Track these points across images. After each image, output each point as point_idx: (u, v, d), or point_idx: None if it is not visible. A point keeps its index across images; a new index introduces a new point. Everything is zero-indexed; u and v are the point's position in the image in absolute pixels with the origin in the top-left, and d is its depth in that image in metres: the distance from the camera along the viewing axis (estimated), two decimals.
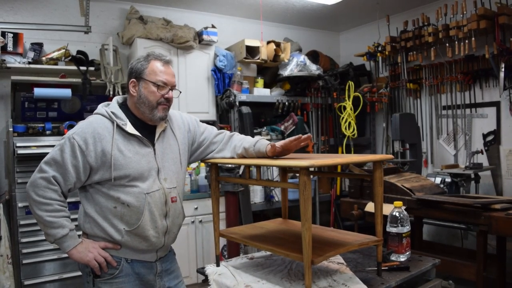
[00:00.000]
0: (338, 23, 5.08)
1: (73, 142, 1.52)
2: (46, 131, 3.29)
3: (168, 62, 1.67)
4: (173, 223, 1.70)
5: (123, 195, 1.57)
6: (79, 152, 1.52)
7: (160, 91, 1.61)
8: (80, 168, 1.53)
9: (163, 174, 1.65)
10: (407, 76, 4.37)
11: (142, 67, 1.62)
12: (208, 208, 3.71)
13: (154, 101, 1.61)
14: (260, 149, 1.69)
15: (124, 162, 1.56)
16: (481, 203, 2.42)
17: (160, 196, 1.63)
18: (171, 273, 1.77)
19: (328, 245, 1.57)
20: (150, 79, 1.61)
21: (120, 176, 1.55)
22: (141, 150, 1.61)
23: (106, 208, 1.58)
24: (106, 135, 1.56)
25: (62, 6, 3.76)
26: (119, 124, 1.58)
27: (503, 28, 3.43)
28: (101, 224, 1.59)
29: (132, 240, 1.60)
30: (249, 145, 1.72)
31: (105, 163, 1.54)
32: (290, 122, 4.17)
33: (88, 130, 1.55)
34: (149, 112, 1.62)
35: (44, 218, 1.53)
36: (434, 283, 1.79)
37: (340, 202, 3.14)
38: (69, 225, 1.57)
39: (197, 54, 3.97)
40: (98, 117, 1.61)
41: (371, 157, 1.77)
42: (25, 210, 3.10)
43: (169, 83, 1.64)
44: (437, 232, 4.06)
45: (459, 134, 4.08)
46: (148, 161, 1.61)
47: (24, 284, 3.07)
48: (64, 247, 1.57)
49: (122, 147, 1.57)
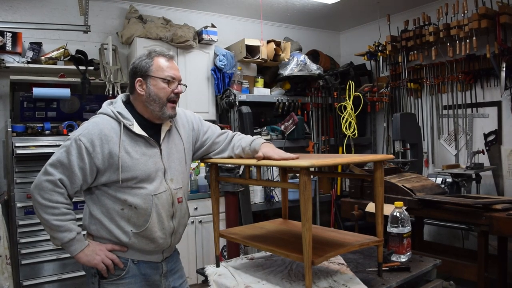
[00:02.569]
0: (338, 22, 5.06)
1: (79, 144, 1.49)
2: (45, 131, 3.27)
3: (172, 57, 1.65)
4: (179, 223, 1.69)
5: (130, 197, 1.55)
6: (86, 155, 1.49)
7: (170, 86, 1.60)
8: (87, 171, 1.51)
9: (169, 175, 1.64)
10: (408, 76, 4.36)
11: (147, 65, 1.60)
12: (208, 208, 3.70)
13: (165, 97, 1.59)
14: (256, 148, 1.68)
15: (132, 164, 1.54)
16: (482, 203, 2.41)
17: (167, 197, 1.62)
18: (175, 273, 1.77)
19: (328, 246, 1.56)
20: (158, 76, 1.59)
21: (127, 178, 1.53)
22: (147, 151, 1.59)
23: (113, 210, 1.56)
24: (113, 137, 1.53)
25: (61, 5, 3.75)
26: (126, 125, 1.55)
27: (504, 28, 3.42)
28: (108, 226, 1.56)
29: (139, 242, 1.58)
30: (246, 144, 1.72)
31: (112, 165, 1.52)
32: (290, 122, 4.16)
33: (95, 132, 1.51)
34: (159, 109, 1.59)
35: (51, 222, 1.49)
36: (435, 284, 1.78)
37: (341, 202, 3.13)
38: (76, 229, 1.54)
39: (197, 53, 3.96)
40: (104, 117, 1.57)
41: (372, 157, 1.76)
42: (24, 211, 3.09)
43: (177, 77, 1.62)
44: (438, 232, 4.05)
45: (460, 134, 4.07)
46: (155, 162, 1.59)
47: (23, 284, 3.06)
48: (71, 250, 1.54)
49: (129, 148, 1.55)
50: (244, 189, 3.58)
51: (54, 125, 3.36)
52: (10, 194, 3.09)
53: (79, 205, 2.99)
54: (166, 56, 1.63)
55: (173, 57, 1.67)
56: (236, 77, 4.02)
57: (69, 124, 3.33)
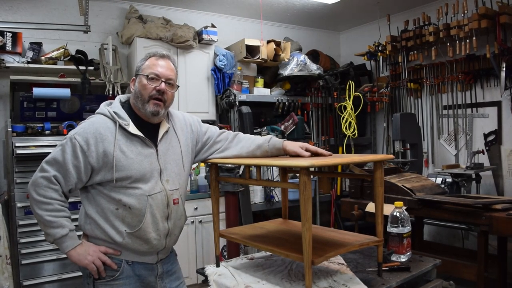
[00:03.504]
0: (338, 22, 5.06)
1: (74, 142, 1.51)
2: (45, 131, 3.27)
3: (163, 56, 1.66)
4: (174, 225, 1.69)
5: (125, 197, 1.55)
6: (80, 153, 1.51)
7: (151, 83, 1.60)
8: (82, 169, 1.52)
9: (165, 176, 1.64)
10: (408, 76, 4.36)
11: (141, 64, 1.65)
12: (208, 208, 3.70)
13: (146, 94, 1.59)
14: (276, 145, 1.69)
15: (126, 163, 1.54)
16: (482, 203, 2.41)
17: (162, 198, 1.61)
18: (172, 275, 1.76)
19: (328, 246, 1.56)
20: (143, 73, 1.62)
21: (122, 177, 1.54)
22: (143, 150, 1.59)
23: (107, 210, 1.57)
24: (108, 136, 1.54)
25: (61, 5, 3.76)
26: (122, 124, 1.57)
27: (504, 28, 3.42)
28: (102, 225, 1.57)
29: (133, 242, 1.59)
30: (263, 141, 1.71)
31: (107, 164, 1.53)
32: (290, 122, 4.16)
33: (90, 130, 1.54)
34: (142, 106, 1.60)
35: (44, 217, 1.51)
36: (435, 284, 1.78)
37: (341, 202, 3.13)
38: (69, 226, 1.55)
39: (196, 53, 3.96)
40: (100, 117, 1.59)
41: (372, 157, 1.76)
42: (24, 211, 3.09)
43: (162, 75, 1.61)
44: (438, 232, 4.05)
45: (460, 134, 4.07)
46: (150, 162, 1.60)
47: (23, 284, 3.06)
48: (63, 247, 1.56)
49: (124, 148, 1.56)
50: (244, 189, 3.58)
51: (54, 125, 3.35)
52: (10, 194, 3.09)
53: (79, 205, 2.98)
54: (157, 55, 1.65)
55: (165, 56, 1.66)
56: (236, 77, 4.02)
57: (69, 124, 3.33)
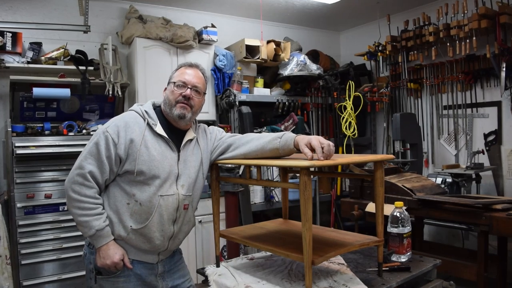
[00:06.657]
0: (338, 22, 5.06)
1: (106, 135, 1.60)
2: (45, 131, 3.27)
3: (191, 65, 1.78)
4: (180, 229, 1.74)
5: (139, 192, 1.62)
6: (112, 145, 1.59)
7: (178, 89, 1.70)
8: (113, 160, 1.60)
9: (181, 181, 1.70)
10: (408, 76, 4.36)
11: (172, 73, 1.77)
12: (208, 208, 3.68)
13: (173, 99, 1.69)
14: (288, 140, 1.55)
15: (148, 158, 1.61)
16: (482, 203, 2.41)
17: (173, 201, 1.66)
18: (175, 273, 1.80)
19: (328, 246, 1.56)
20: (173, 80, 1.73)
21: (141, 170, 1.60)
22: (166, 152, 1.67)
23: (119, 202, 1.63)
24: (136, 129, 1.64)
25: (61, 5, 3.75)
26: (150, 123, 1.67)
27: (504, 28, 3.42)
28: (111, 218, 1.63)
29: (136, 238, 1.64)
30: (274, 137, 1.61)
31: (132, 154, 1.60)
32: (290, 122, 4.16)
33: (121, 124, 1.64)
34: (169, 110, 1.70)
35: (77, 218, 1.60)
36: (435, 284, 1.78)
37: (341, 202, 3.13)
38: (96, 226, 1.59)
39: (196, 53, 3.96)
40: (132, 113, 1.71)
41: (372, 157, 1.76)
42: (24, 211, 3.09)
43: (188, 82, 1.71)
44: (438, 232, 4.05)
45: (460, 134, 4.07)
46: (170, 165, 1.67)
47: (23, 284, 3.05)
48: (93, 243, 1.63)
49: (150, 145, 1.64)
50: (244, 189, 3.58)
51: (54, 125, 3.35)
52: (10, 194, 3.08)
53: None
54: (186, 65, 1.78)
55: (194, 66, 1.79)
56: (236, 77, 4.02)
57: (69, 124, 3.33)
